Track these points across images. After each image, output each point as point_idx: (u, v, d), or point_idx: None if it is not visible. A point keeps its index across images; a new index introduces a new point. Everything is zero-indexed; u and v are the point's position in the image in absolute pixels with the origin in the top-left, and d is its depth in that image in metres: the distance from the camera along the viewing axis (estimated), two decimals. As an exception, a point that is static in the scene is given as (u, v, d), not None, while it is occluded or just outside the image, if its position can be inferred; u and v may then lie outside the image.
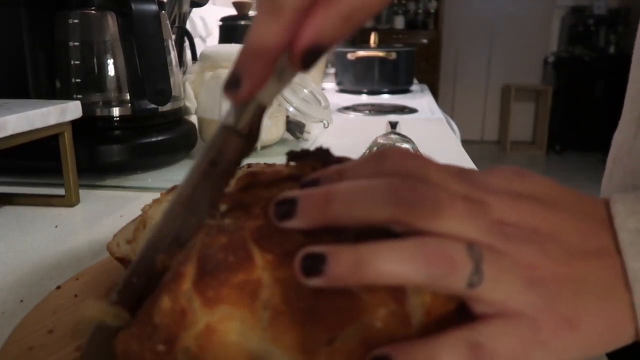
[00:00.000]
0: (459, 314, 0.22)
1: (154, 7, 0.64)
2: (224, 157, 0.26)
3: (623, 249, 0.23)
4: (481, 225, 0.22)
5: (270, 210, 0.23)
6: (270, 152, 0.84)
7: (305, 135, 0.92)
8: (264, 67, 0.25)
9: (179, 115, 0.78)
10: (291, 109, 0.81)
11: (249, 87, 0.25)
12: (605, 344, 0.23)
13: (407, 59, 1.73)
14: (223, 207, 0.25)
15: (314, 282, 0.21)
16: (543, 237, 0.23)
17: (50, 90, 0.68)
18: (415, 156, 0.24)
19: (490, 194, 0.23)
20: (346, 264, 0.20)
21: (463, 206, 0.22)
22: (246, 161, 0.28)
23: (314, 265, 0.21)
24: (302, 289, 0.21)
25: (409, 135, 0.79)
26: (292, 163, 0.28)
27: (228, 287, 0.21)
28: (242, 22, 1.25)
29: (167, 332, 0.21)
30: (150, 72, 0.64)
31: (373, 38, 1.85)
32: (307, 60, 0.25)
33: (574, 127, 4.61)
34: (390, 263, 0.20)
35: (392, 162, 0.24)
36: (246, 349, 0.21)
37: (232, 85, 0.26)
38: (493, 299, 0.21)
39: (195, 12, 1.36)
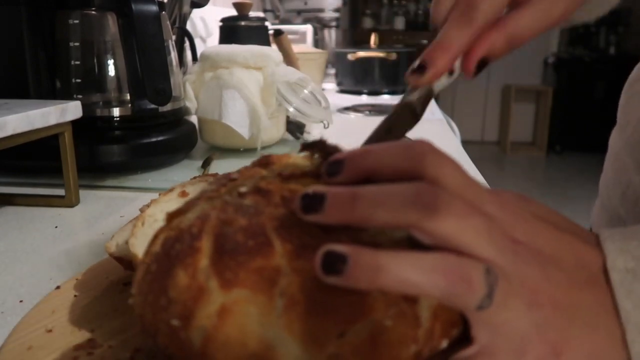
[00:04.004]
0: (463, 318, 0.23)
1: (154, 7, 0.64)
2: (398, 127, 0.32)
3: (614, 288, 0.24)
4: (498, 242, 0.22)
5: (295, 201, 0.24)
6: (271, 152, 0.84)
7: (305, 135, 0.92)
8: (447, 61, 0.32)
9: (179, 116, 0.78)
10: (291, 109, 0.81)
11: (432, 74, 0.32)
12: None
13: (407, 60, 1.73)
14: (243, 189, 0.25)
15: (332, 280, 0.21)
16: (546, 259, 0.23)
17: (50, 90, 0.68)
18: (443, 158, 0.24)
19: (504, 210, 0.24)
20: (366, 268, 0.21)
21: (483, 221, 0.22)
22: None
23: (335, 264, 0.21)
24: (319, 282, 0.21)
25: (409, 136, 0.79)
26: (304, 153, 0.29)
27: (246, 270, 0.22)
28: (243, 23, 1.25)
29: (183, 308, 0.22)
30: (150, 72, 0.64)
31: (373, 39, 1.85)
32: (477, 69, 0.34)
33: (574, 127, 4.61)
34: (409, 273, 0.21)
35: (420, 159, 0.23)
36: (259, 333, 0.21)
37: (418, 70, 0.33)
38: (493, 323, 0.22)
39: (196, 13, 1.36)
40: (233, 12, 1.29)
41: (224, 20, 1.27)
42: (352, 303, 0.21)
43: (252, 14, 1.27)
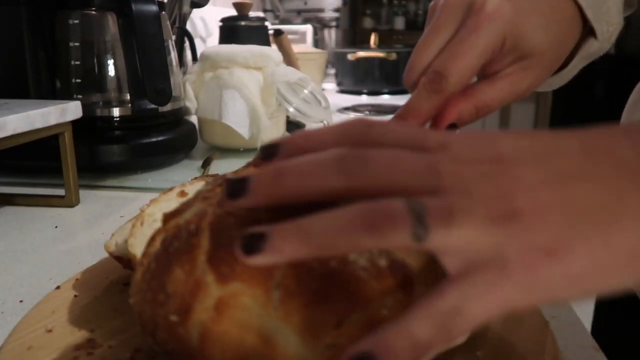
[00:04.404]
0: None
1: (154, 7, 0.64)
2: None
3: None
4: (433, 173, 0.21)
5: (221, 191, 0.23)
6: (270, 152, 0.84)
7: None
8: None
9: (179, 116, 0.78)
10: (291, 109, 0.81)
11: None
12: (602, 271, 0.20)
13: (407, 60, 1.72)
14: None
15: (259, 259, 0.20)
16: (513, 163, 0.21)
17: (50, 90, 0.68)
18: (374, 123, 0.23)
19: (446, 142, 0.22)
20: (287, 237, 0.20)
21: (412, 159, 0.21)
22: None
23: (255, 243, 0.20)
24: (315, 272, 0.22)
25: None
26: None
27: (242, 263, 0.21)
28: (242, 23, 1.25)
29: (181, 303, 0.22)
30: (150, 72, 0.64)
31: (373, 39, 1.85)
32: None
33: (575, 127, 4.60)
34: (332, 232, 0.20)
35: (354, 130, 0.23)
36: (256, 326, 0.21)
37: None
38: (450, 247, 0.20)
39: (196, 13, 1.36)
40: (233, 12, 1.29)
41: (224, 20, 1.27)
42: (348, 292, 0.21)
43: (252, 14, 1.27)
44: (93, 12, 0.69)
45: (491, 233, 0.19)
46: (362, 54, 1.70)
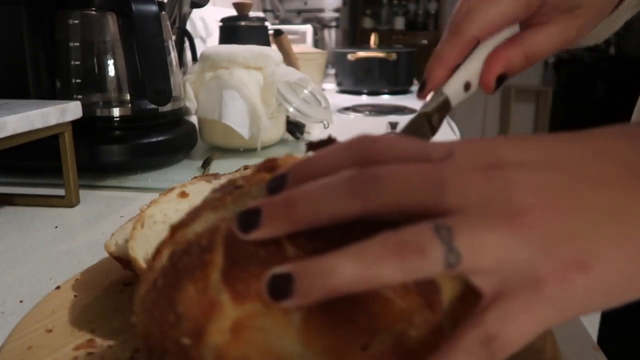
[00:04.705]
0: None
1: (154, 7, 0.64)
2: (415, 136, 0.31)
3: None
4: (442, 185, 0.20)
5: (233, 224, 0.22)
6: (270, 152, 0.84)
7: (305, 135, 0.92)
8: (443, 72, 0.37)
9: (179, 116, 0.78)
10: (291, 109, 0.81)
11: (430, 86, 0.37)
12: (631, 278, 0.19)
13: (407, 60, 1.73)
14: (251, 201, 0.24)
15: (289, 303, 0.19)
16: (531, 169, 0.20)
17: (50, 90, 0.68)
18: (377, 138, 0.23)
19: (462, 147, 0.22)
20: (314, 279, 0.19)
21: (421, 172, 0.21)
22: (245, 162, 0.28)
23: (282, 286, 0.19)
24: None
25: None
26: (309, 153, 0.28)
27: (259, 282, 0.20)
28: (242, 23, 1.25)
29: (193, 324, 0.20)
30: (150, 72, 0.64)
31: (373, 39, 1.85)
32: (496, 85, 0.36)
33: (575, 128, 4.47)
34: (359, 269, 0.19)
35: (359, 148, 0.23)
36: (276, 349, 0.20)
37: (420, 88, 0.38)
38: (484, 270, 0.19)
39: (196, 13, 1.36)
40: (233, 12, 1.29)
41: (224, 20, 1.27)
42: (373, 313, 0.20)
43: (252, 14, 1.27)
44: (93, 12, 0.69)
45: (521, 248, 0.19)
46: (362, 54, 1.70)
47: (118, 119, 0.69)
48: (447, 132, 1.07)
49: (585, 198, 0.20)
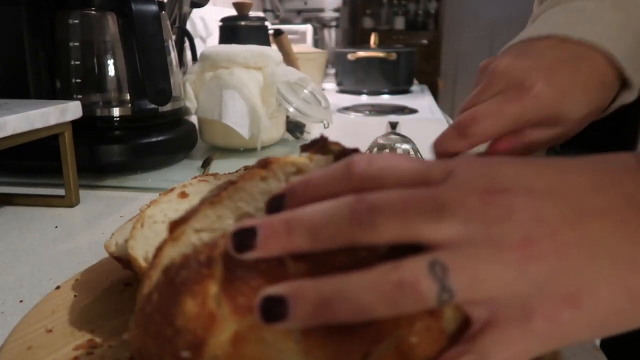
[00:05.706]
0: None
1: (154, 7, 0.64)
2: None
3: None
4: (449, 216, 0.20)
5: (227, 241, 0.22)
6: (270, 152, 0.84)
7: (305, 135, 0.92)
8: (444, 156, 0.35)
9: (179, 116, 0.78)
10: (291, 109, 0.81)
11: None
12: (621, 314, 0.19)
13: (407, 60, 1.73)
14: (249, 208, 0.25)
15: (280, 326, 0.20)
16: (532, 198, 0.20)
17: (50, 90, 0.68)
18: (373, 159, 0.23)
19: (466, 168, 0.21)
20: (310, 306, 0.20)
21: (418, 199, 0.20)
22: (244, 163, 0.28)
23: (275, 309, 0.20)
24: None
25: (409, 136, 0.79)
26: (304, 154, 0.27)
27: (259, 295, 0.20)
28: (242, 23, 1.25)
29: (193, 337, 0.20)
30: (150, 72, 0.64)
31: (373, 39, 1.85)
32: None
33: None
34: (355, 303, 0.19)
35: (352, 169, 0.23)
36: None
37: None
38: (477, 301, 0.20)
39: (196, 13, 1.36)
40: (233, 12, 1.29)
41: (224, 20, 1.27)
42: (374, 321, 0.20)
43: (252, 13, 1.27)
44: (93, 12, 0.69)
45: (518, 283, 0.19)
46: (362, 54, 1.70)
47: (118, 118, 0.69)
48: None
49: (585, 231, 0.20)
